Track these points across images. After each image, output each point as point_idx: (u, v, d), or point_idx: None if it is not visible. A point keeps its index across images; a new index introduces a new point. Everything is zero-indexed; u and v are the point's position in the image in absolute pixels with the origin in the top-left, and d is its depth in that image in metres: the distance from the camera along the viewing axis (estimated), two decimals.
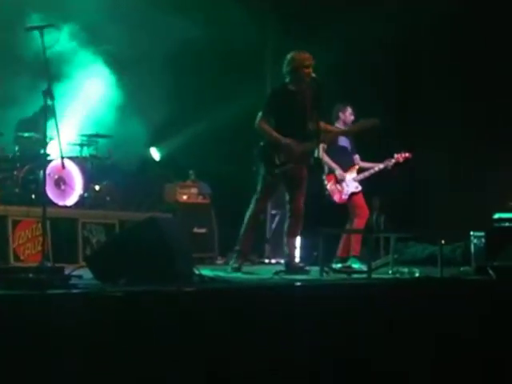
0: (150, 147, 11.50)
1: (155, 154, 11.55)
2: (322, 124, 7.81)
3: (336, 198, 9.27)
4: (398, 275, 7.61)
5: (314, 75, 7.69)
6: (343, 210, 9.39)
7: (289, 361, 5.45)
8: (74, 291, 5.24)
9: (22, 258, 8.67)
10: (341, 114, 9.39)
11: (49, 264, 6.21)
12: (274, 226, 10.84)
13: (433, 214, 10.58)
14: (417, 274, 7.45)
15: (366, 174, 9.46)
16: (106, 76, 10.52)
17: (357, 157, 9.62)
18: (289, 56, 7.81)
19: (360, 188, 9.36)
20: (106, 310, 4.94)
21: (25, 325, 4.56)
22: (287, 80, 7.81)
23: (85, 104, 10.49)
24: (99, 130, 10.41)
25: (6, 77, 8.72)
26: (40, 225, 8.71)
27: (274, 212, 10.62)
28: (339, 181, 9.29)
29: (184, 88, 10.69)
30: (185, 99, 11.01)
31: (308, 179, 7.88)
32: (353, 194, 9.34)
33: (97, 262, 6.17)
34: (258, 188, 7.81)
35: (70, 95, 10.00)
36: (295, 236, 7.83)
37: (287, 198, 7.84)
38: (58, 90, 7.63)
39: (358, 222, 9.15)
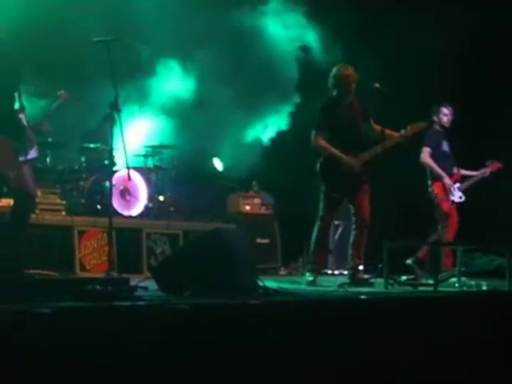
0: (213, 158, 11.52)
1: (218, 164, 11.58)
2: (386, 130, 7.80)
3: (445, 207, 9.03)
4: (464, 288, 7.48)
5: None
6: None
7: (355, 375, 5.39)
8: (140, 303, 5.27)
9: (87, 267, 8.78)
10: (435, 117, 9.13)
11: (115, 275, 6.26)
12: (337, 236, 10.77)
13: (501, 225, 10.39)
14: (484, 287, 7.31)
15: (470, 182, 9.15)
16: (171, 87, 10.62)
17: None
18: (335, 70, 7.84)
19: (463, 198, 9.09)
20: (172, 322, 4.96)
21: (92, 336, 4.61)
22: (334, 93, 7.82)
23: (149, 115, 10.61)
24: (164, 141, 10.50)
25: (72, 88, 8.84)
26: (105, 235, 8.85)
27: (337, 223, 10.54)
28: (447, 189, 9.04)
29: (245, 99, 10.70)
30: (247, 110, 11.02)
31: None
32: (458, 205, 9.09)
33: (162, 274, 6.19)
34: (321, 205, 7.78)
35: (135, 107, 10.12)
36: (361, 248, 7.75)
37: (352, 210, 7.79)
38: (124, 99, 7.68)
39: (449, 234, 8.94)
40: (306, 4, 10.59)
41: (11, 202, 6.55)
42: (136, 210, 9.70)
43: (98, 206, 9.41)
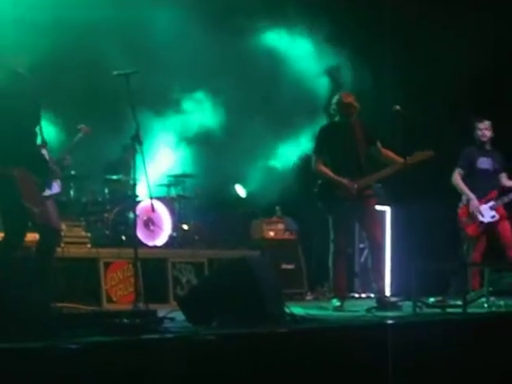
0: (235, 184, 11.54)
1: (241, 190, 11.59)
2: (388, 152, 7.82)
3: (469, 231, 8.87)
4: (493, 308, 7.41)
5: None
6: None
7: None
8: (168, 335, 5.26)
9: (114, 299, 8.78)
10: (474, 133, 8.96)
11: (142, 307, 6.26)
12: (362, 259, 10.72)
13: None
14: None
15: (505, 199, 8.83)
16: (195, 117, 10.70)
17: (503, 175, 9.05)
18: (335, 97, 7.94)
19: (497, 217, 8.80)
20: (200, 353, 4.94)
21: (120, 371, 4.61)
22: (336, 119, 7.88)
23: (171, 144, 10.67)
24: (185, 170, 10.54)
25: (92, 119, 8.92)
26: (130, 266, 8.85)
27: (362, 246, 10.50)
28: (472, 213, 8.84)
29: (271, 123, 10.72)
30: (273, 135, 11.04)
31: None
32: (491, 224, 8.87)
33: (189, 304, 6.20)
34: (330, 226, 7.80)
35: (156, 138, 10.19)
36: (380, 270, 7.73)
37: (364, 234, 7.81)
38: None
39: (476, 254, 8.80)
40: (331, 24, 10.56)
41: (36, 236, 6.58)
42: (160, 239, 9.72)
43: (123, 237, 9.43)
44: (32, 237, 6.95)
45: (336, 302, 7.66)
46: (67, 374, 4.45)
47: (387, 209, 10.79)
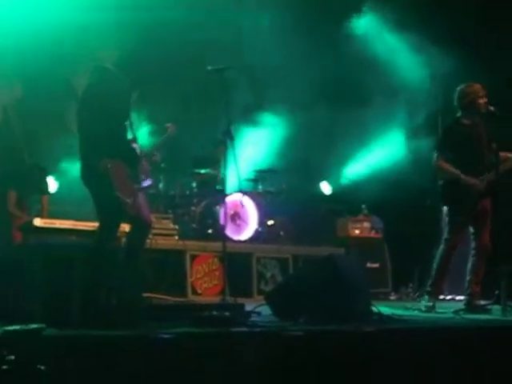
0: (321, 181, 11.53)
1: (326, 187, 11.57)
2: (502, 154, 7.60)
3: None
4: None
5: (491, 108, 7.49)
6: None
7: None
8: (256, 329, 5.30)
9: (199, 291, 8.90)
10: None
11: (230, 300, 6.32)
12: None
13: None
14: None
15: None
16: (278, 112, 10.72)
17: None
18: (460, 88, 7.67)
19: None
20: (287, 348, 4.97)
21: (209, 362, 4.67)
22: (459, 114, 7.66)
23: (259, 140, 10.71)
24: (272, 166, 10.58)
25: (185, 114, 9.03)
26: (216, 259, 8.99)
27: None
28: None
29: (363, 124, 10.67)
30: (355, 133, 10.98)
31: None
32: None
33: (276, 299, 6.23)
34: (447, 228, 7.61)
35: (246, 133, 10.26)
36: (480, 275, 7.55)
37: (473, 235, 7.60)
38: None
39: None
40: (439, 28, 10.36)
41: (127, 228, 6.70)
42: (246, 234, 9.78)
43: (209, 231, 9.53)
44: (122, 227, 7.10)
45: (428, 301, 7.53)
46: (158, 363, 4.54)
47: None
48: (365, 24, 10.52)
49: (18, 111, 9.32)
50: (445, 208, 7.76)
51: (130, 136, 6.31)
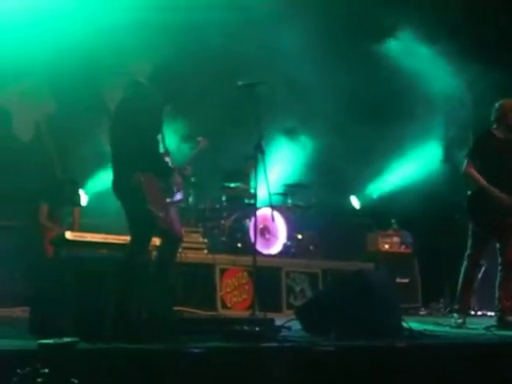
0: (350, 196, 11.52)
1: (355, 202, 11.56)
2: None
3: None
4: None
5: None
6: None
7: None
8: (287, 344, 5.30)
9: (229, 305, 8.91)
10: None
11: (260, 315, 6.32)
12: (480, 275, 10.50)
13: None
14: None
15: None
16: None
17: None
18: (497, 103, 7.65)
19: None
20: (318, 363, 4.96)
21: (239, 376, 4.68)
22: (494, 126, 7.63)
23: (290, 154, 10.74)
24: (302, 180, 10.59)
25: (217, 128, 9.06)
26: (245, 273, 9.00)
27: (481, 262, 10.30)
28: None
29: (383, 137, 10.64)
30: (385, 146, 10.96)
31: None
32: None
33: (306, 314, 6.23)
34: (469, 243, 7.58)
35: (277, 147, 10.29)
36: (509, 289, 7.49)
37: (499, 250, 7.56)
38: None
39: None
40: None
41: (157, 241, 6.73)
42: (275, 248, 9.79)
43: (239, 245, 9.55)
44: (153, 241, 7.14)
45: (458, 318, 7.49)
46: (188, 377, 4.56)
47: None
48: (398, 39, 10.54)
49: (50, 127, 9.43)
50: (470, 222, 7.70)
51: (162, 149, 6.35)
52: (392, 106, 10.53)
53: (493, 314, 8.00)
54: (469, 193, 7.61)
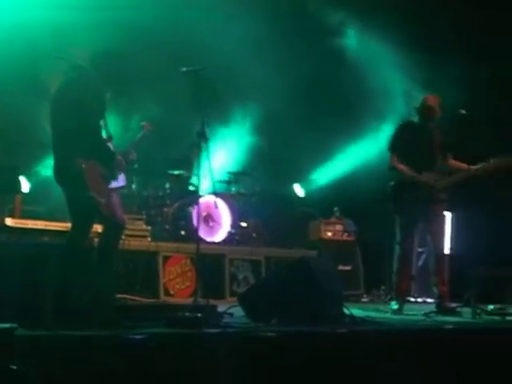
0: (294, 184, 11.57)
1: (299, 190, 11.61)
2: (454, 162, 7.71)
3: None
4: None
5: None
6: None
7: None
8: (230, 330, 5.31)
9: (172, 292, 8.89)
10: None
11: (202, 301, 6.32)
12: (420, 263, 10.64)
13: None
14: None
15: None
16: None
17: None
18: (423, 97, 7.81)
19: None
20: (260, 349, 4.98)
21: (182, 362, 4.68)
22: (415, 119, 7.78)
23: (232, 142, 10.73)
24: (245, 168, 10.60)
25: (162, 116, 9.00)
26: (188, 260, 8.99)
27: (420, 250, 10.44)
28: None
29: (327, 127, 10.70)
30: (328, 137, 11.02)
31: None
32: None
33: (248, 300, 6.24)
34: (398, 232, 7.73)
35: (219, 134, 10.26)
36: (443, 275, 7.65)
37: (428, 238, 7.72)
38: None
39: None
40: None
41: (99, 228, 6.68)
42: (219, 236, 9.79)
43: (182, 232, 9.53)
44: (95, 228, 7.08)
45: (395, 305, 7.62)
46: (130, 363, 4.54)
47: (448, 214, 10.70)
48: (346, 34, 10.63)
49: None
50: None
51: (104, 135, 6.29)
52: (338, 97, 10.57)
53: (432, 300, 8.14)
54: (391, 183, 7.73)
